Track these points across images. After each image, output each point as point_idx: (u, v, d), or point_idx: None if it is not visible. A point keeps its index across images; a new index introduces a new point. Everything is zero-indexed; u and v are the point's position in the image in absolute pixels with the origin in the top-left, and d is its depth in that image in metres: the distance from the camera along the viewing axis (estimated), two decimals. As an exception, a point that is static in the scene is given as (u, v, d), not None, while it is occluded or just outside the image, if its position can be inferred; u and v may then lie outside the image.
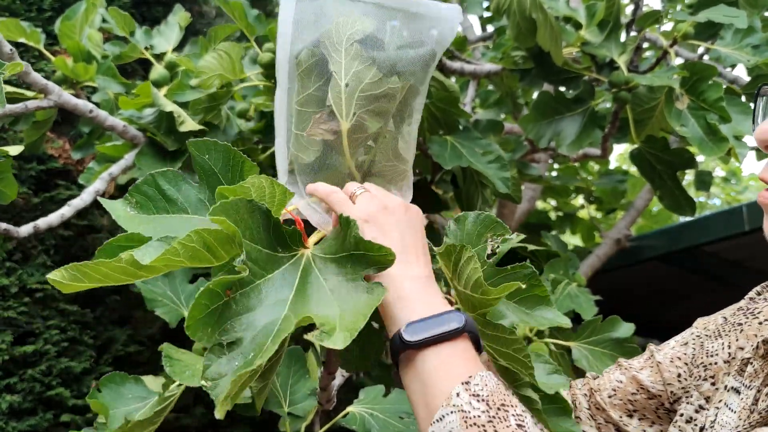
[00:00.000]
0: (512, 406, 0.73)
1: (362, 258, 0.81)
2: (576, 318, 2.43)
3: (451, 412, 0.72)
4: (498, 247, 0.92)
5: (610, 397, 1.05)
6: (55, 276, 0.79)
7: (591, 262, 3.45)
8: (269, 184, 0.84)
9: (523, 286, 0.87)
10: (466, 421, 0.71)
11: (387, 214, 0.86)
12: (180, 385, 1.33)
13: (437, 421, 0.72)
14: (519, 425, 0.71)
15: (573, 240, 4.43)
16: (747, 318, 0.94)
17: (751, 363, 0.87)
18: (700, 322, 1.03)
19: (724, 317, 0.98)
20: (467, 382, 0.74)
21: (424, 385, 0.76)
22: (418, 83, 0.93)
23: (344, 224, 0.82)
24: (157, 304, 1.71)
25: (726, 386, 0.89)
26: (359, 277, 0.80)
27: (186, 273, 1.73)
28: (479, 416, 0.71)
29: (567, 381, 0.95)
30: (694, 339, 1.01)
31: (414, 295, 0.81)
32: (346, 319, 0.76)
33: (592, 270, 3.39)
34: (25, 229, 1.57)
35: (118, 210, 0.88)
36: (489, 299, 0.84)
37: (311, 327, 0.77)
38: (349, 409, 1.45)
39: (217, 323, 0.75)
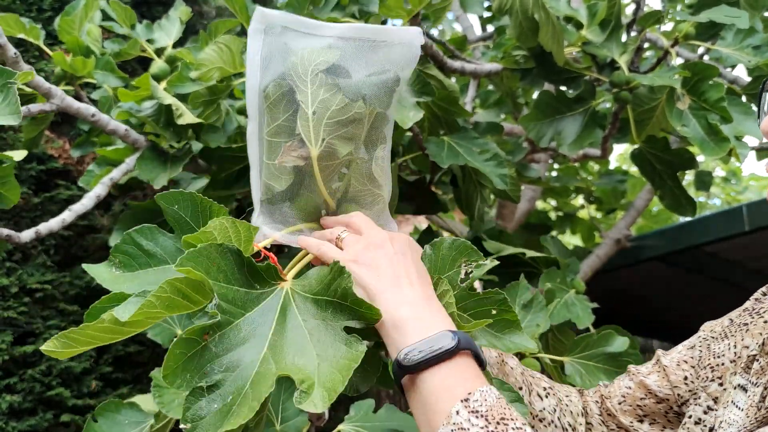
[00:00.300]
0: (512, 419, 0.74)
1: (347, 309, 0.82)
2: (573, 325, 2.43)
3: (451, 431, 0.72)
4: (471, 272, 0.94)
5: (620, 403, 1.07)
6: (48, 347, 0.82)
7: (591, 262, 3.45)
8: (231, 224, 0.86)
9: (494, 312, 0.92)
10: None
11: (374, 249, 0.88)
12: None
13: None
14: None
15: (573, 240, 4.43)
16: (753, 318, 0.94)
17: (757, 360, 0.87)
18: (707, 326, 1.04)
19: (731, 319, 0.99)
20: (466, 399, 0.74)
21: (425, 406, 0.77)
22: (384, 108, 0.95)
23: (336, 272, 0.83)
24: (148, 327, 1.70)
25: (733, 385, 0.89)
26: (339, 326, 0.81)
27: None
28: None
29: (525, 409, 0.97)
30: (700, 342, 1.02)
31: (408, 320, 0.82)
32: (324, 374, 0.77)
33: (592, 270, 3.39)
34: (27, 235, 1.56)
35: (103, 273, 0.91)
36: (464, 328, 0.87)
37: None
38: (340, 427, 1.46)
39: (195, 368, 0.76)
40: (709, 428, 0.90)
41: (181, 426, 0.74)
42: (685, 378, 1.00)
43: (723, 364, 0.94)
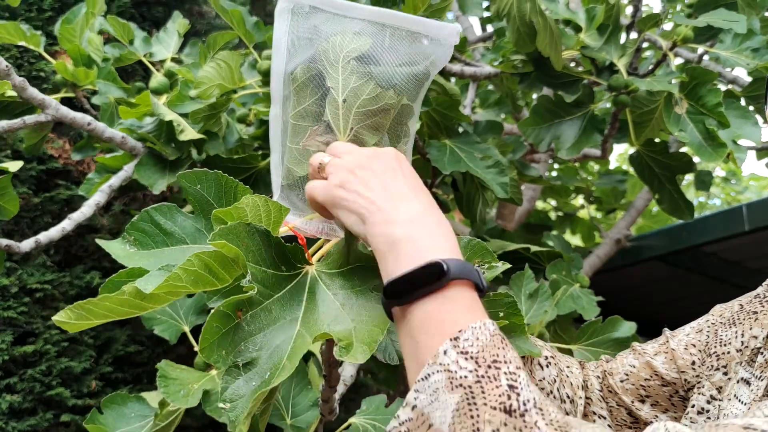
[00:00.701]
0: (505, 362, 0.66)
1: (368, 270, 0.81)
2: (579, 319, 2.43)
3: (437, 371, 0.66)
4: (484, 273, 0.92)
5: (622, 381, 1.03)
6: (61, 317, 0.79)
7: (591, 262, 3.46)
8: (263, 203, 0.84)
9: (501, 314, 0.90)
10: (452, 382, 0.64)
11: (360, 170, 0.82)
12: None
13: (422, 379, 0.66)
14: (511, 386, 0.64)
15: (573, 240, 4.43)
16: (763, 306, 0.92)
17: (762, 353, 0.85)
18: (716, 309, 1.01)
19: (741, 304, 0.96)
20: (456, 338, 0.67)
21: (412, 339, 0.71)
22: (411, 101, 0.93)
23: (347, 238, 0.83)
24: (154, 323, 1.70)
25: (737, 377, 0.87)
26: (367, 289, 0.80)
27: None
28: (466, 376, 0.65)
29: (535, 349, 0.96)
30: (708, 326, 0.99)
31: (402, 242, 0.76)
32: (361, 332, 0.76)
33: (592, 270, 3.40)
34: (27, 244, 1.58)
35: (117, 249, 0.89)
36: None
37: None
38: (352, 420, 1.45)
39: (230, 345, 0.75)
40: (713, 419, 0.88)
41: (220, 405, 0.73)
42: (693, 363, 0.98)
43: (729, 352, 0.92)
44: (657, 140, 2.14)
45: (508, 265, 0.93)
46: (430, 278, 0.72)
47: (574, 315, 2.09)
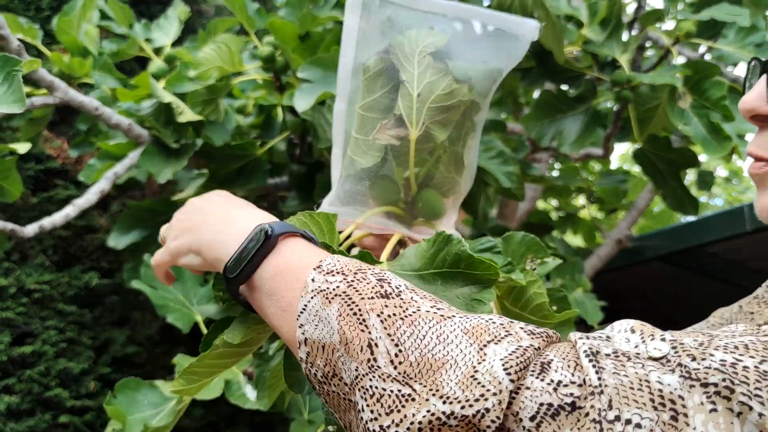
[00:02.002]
0: (369, 268, 0.71)
1: (459, 275, 0.80)
2: (580, 323, 2.42)
3: (312, 298, 0.69)
4: (536, 269, 0.93)
5: None
6: (176, 387, 0.85)
7: (592, 262, 3.44)
8: (309, 218, 0.84)
9: (555, 308, 0.90)
10: (327, 297, 0.68)
11: (181, 221, 0.87)
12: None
13: (300, 313, 0.69)
14: (380, 279, 0.69)
15: (574, 240, 4.42)
16: (760, 307, 0.89)
17: None
18: (718, 312, 1.00)
19: (740, 306, 0.94)
20: (319, 266, 0.71)
21: (273, 298, 0.74)
22: (483, 97, 0.92)
23: (442, 242, 0.81)
24: (168, 310, 1.69)
25: None
26: (453, 295, 0.79)
27: (197, 276, 1.71)
28: (338, 286, 0.68)
29: None
30: (708, 329, 0.97)
31: (219, 234, 0.80)
32: None
33: (593, 270, 3.38)
34: (31, 229, 1.55)
35: (213, 312, 0.90)
36: (546, 323, 0.85)
37: None
38: None
39: None
40: None
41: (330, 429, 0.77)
42: None
43: None
44: (660, 136, 2.13)
45: (560, 261, 0.93)
46: (260, 241, 0.75)
47: (573, 319, 2.07)
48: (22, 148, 1.44)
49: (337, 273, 0.70)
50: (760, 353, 0.55)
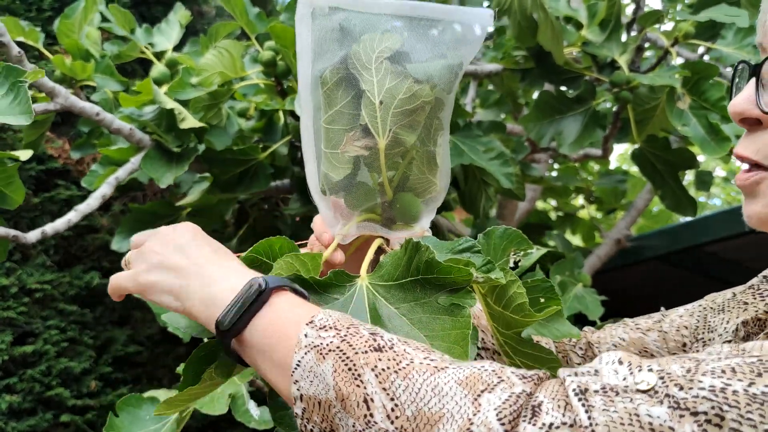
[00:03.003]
0: (360, 324, 0.72)
1: (434, 281, 0.80)
2: (582, 318, 2.42)
3: (305, 353, 0.69)
4: (520, 261, 0.93)
5: (608, 351, 1.03)
6: (159, 411, 0.85)
7: (591, 262, 3.45)
8: (295, 259, 0.84)
9: (542, 300, 0.89)
10: (321, 353, 0.68)
11: (148, 252, 0.85)
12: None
13: (295, 369, 0.69)
14: (372, 333, 0.70)
15: (573, 240, 4.43)
16: (754, 298, 0.90)
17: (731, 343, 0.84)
18: (710, 296, 1.00)
19: (734, 293, 0.95)
20: (311, 321, 0.71)
21: (266, 354, 0.73)
22: (446, 93, 0.91)
23: (412, 249, 0.81)
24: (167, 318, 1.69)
25: None
26: (434, 300, 0.79)
27: None
28: (332, 341, 0.69)
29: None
30: (700, 311, 0.98)
31: (217, 288, 0.79)
32: (440, 347, 0.75)
33: (592, 270, 3.39)
34: (33, 235, 1.56)
35: (181, 322, 0.90)
36: (528, 321, 0.85)
37: None
38: None
39: None
40: None
41: None
42: (684, 345, 0.97)
43: (713, 339, 0.92)
44: (659, 137, 2.14)
45: (544, 251, 0.93)
46: (253, 296, 0.75)
47: (572, 317, 2.08)
48: (24, 155, 1.44)
49: (330, 328, 0.70)
50: (747, 376, 0.55)
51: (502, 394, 0.60)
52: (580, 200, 4.44)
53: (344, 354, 0.67)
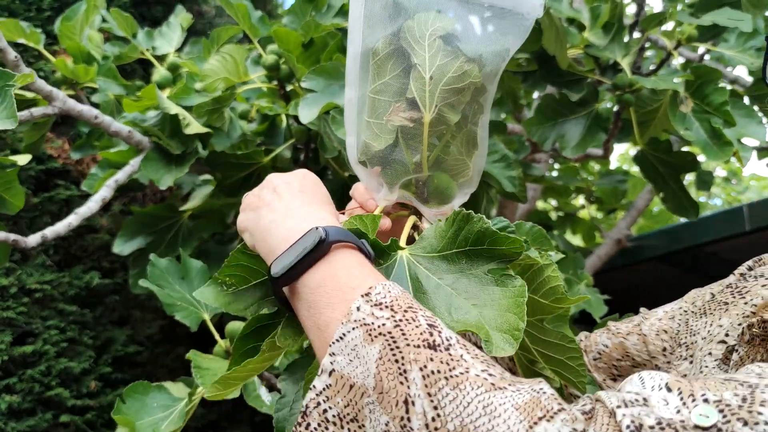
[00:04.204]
0: (420, 309, 0.66)
1: (484, 252, 0.79)
2: (586, 316, 2.42)
3: (353, 329, 0.63)
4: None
5: (595, 359, 1.03)
6: (211, 392, 0.83)
7: (592, 262, 3.45)
8: (358, 221, 0.84)
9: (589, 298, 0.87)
10: (370, 334, 0.62)
11: (255, 197, 0.85)
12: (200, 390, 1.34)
13: (337, 341, 0.64)
14: (430, 325, 0.63)
15: (574, 240, 4.43)
16: (734, 297, 0.89)
17: (736, 350, 0.82)
18: (690, 295, 1.00)
19: (712, 293, 0.94)
20: (368, 293, 0.66)
21: (313, 311, 0.69)
22: (490, 78, 0.92)
23: (461, 220, 0.80)
24: (175, 309, 1.68)
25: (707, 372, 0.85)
26: (481, 272, 0.78)
27: (203, 275, 1.71)
28: (384, 324, 0.63)
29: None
30: (681, 314, 0.97)
31: (273, 229, 0.77)
32: (492, 318, 0.74)
33: (592, 270, 3.39)
34: (34, 239, 1.56)
35: (213, 296, 0.88)
36: (558, 307, 0.84)
37: None
38: None
39: None
40: None
41: None
42: (664, 349, 0.96)
43: (695, 342, 0.90)
44: (661, 139, 2.13)
45: (562, 255, 0.93)
46: (311, 246, 0.71)
47: (573, 316, 2.08)
48: (22, 159, 1.44)
49: (386, 307, 0.65)
50: None
51: (563, 428, 0.54)
52: (580, 200, 4.44)
53: (395, 342, 0.62)
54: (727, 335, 0.85)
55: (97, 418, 2.58)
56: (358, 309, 0.65)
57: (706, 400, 0.54)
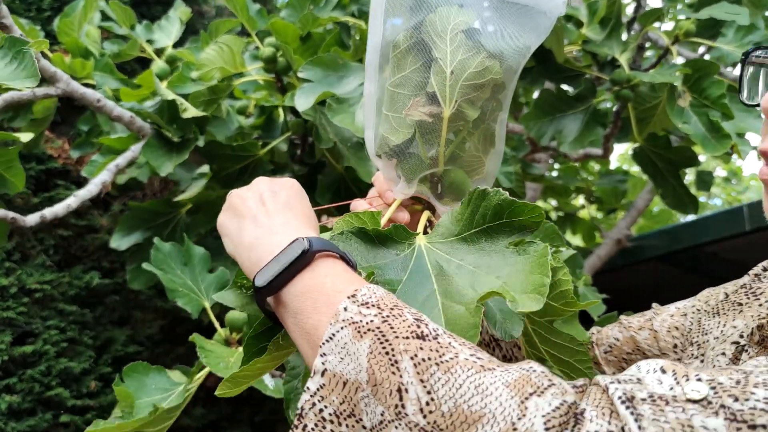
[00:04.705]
0: (405, 307, 0.67)
1: (504, 226, 0.79)
2: (583, 315, 2.42)
3: (342, 328, 0.64)
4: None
5: (605, 353, 1.03)
6: (222, 390, 0.83)
7: (592, 262, 3.45)
8: (355, 218, 0.84)
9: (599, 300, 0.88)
10: (359, 331, 0.64)
11: (237, 198, 0.85)
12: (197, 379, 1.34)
13: (327, 341, 0.64)
14: (417, 318, 0.65)
15: (574, 240, 4.43)
16: (748, 298, 0.89)
17: (746, 351, 0.83)
18: (704, 294, 1.00)
19: (726, 293, 0.94)
20: (353, 295, 0.67)
21: (299, 318, 0.70)
22: (511, 75, 0.92)
23: (477, 198, 0.80)
24: (177, 295, 1.68)
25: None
26: (501, 246, 0.78)
27: (205, 263, 1.71)
28: (372, 320, 0.64)
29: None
30: (693, 312, 0.98)
31: (258, 241, 0.78)
32: (517, 282, 0.74)
33: (592, 270, 3.39)
34: (32, 218, 1.55)
35: (233, 299, 0.88)
36: (567, 310, 0.84)
37: None
38: None
39: None
40: None
41: None
42: (675, 346, 0.97)
43: (707, 341, 0.90)
44: (660, 135, 2.13)
45: (573, 251, 0.93)
46: (295, 256, 0.72)
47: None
48: (25, 137, 1.44)
49: (373, 306, 0.66)
50: None
51: (553, 401, 0.56)
52: (580, 200, 4.44)
53: (384, 336, 0.63)
54: (741, 336, 0.85)
55: (98, 418, 2.57)
56: (345, 309, 0.66)
57: (699, 379, 0.55)
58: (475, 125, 0.93)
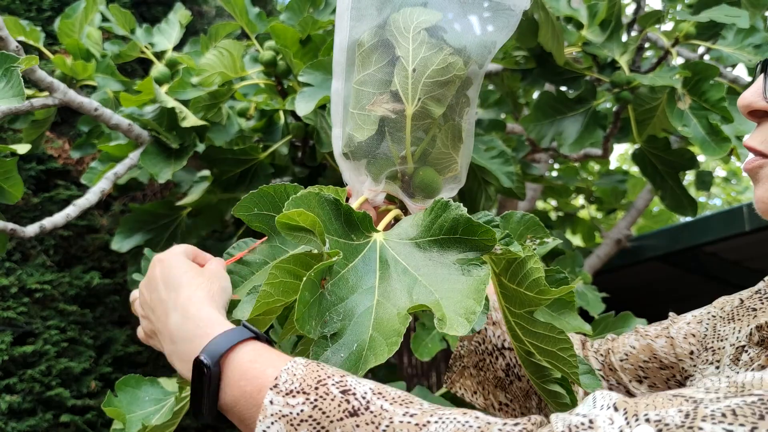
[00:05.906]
0: (328, 377, 0.67)
1: (456, 242, 0.79)
2: (583, 314, 2.42)
3: (272, 423, 0.65)
4: (535, 248, 0.92)
5: (621, 360, 1.04)
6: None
7: (591, 262, 3.45)
8: (318, 191, 0.84)
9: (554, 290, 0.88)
10: (292, 423, 0.64)
11: (144, 307, 0.87)
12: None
13: None
14: (343, 391, 0.65)
15: (574, 240, 4.43)
16: (762, 303, 0.90)
17: (746, 351, 0.84)
18: (719, 302, 1.00)
19: (741, 299, 0.95)
20: (275, 385, 0.67)
21: (246, 422, 0.70)
22: (477, 69, 0.92)
23: (440, 209, 0.81)
24: None
25: (723, 375, 0.86)
26: (450, 261, 0.79)
27: None
28: (302, 410, 0.64)
29: (599, 382, 0.93)
30: (709, 319, 0.98)
31: (173, 355, 0.79)
32: (452, 301, 0.74)
33: (592, 270, 3.39)
34: (32, 229, 1.55)
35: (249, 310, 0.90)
36: (542, 299, 0.84)
37: None
38: None
39: (318, 315, 0.74)
40: None
41: None
42: (691, 353, 0.97)
43: (723, 347, 0.91)
44: (659, 137, 2.13)
45: (560, 241, 0.93)
46: (203, 383, 0.72)
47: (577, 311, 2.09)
48: (22, 149, 1.44)
49: (298, 392, 0.66)
50: (749, 419, 0.52)
51: None
52: (580, 200, 4.44)
53: (319, 424, 0.64)
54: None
55: (98, 418, 2.58)
56: (271, 403, 0.66)
57: (647, 420, 0.54)
58: (443, 122, 0.93)
